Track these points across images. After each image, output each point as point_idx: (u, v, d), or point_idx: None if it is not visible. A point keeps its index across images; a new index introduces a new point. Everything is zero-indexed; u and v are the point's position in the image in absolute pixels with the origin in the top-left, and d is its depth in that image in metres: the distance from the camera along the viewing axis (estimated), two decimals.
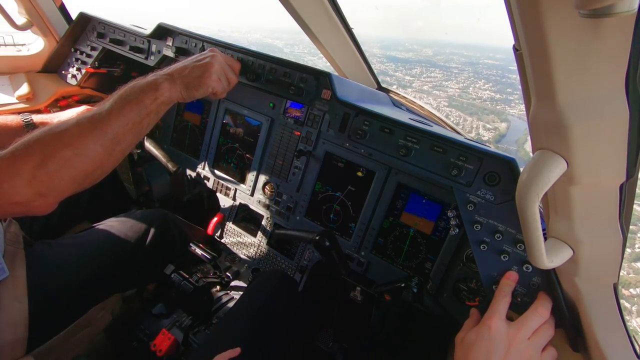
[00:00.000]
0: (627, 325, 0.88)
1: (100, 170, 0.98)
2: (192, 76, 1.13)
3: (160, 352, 1.31)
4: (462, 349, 0.92)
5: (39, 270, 1.22)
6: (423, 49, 62.74)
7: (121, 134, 0.97)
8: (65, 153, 0.89)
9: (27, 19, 2.04)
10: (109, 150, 0.96)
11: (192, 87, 1.12)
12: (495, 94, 43.79)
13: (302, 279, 1.69)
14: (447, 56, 61.36)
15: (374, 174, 1.50)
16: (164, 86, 1.06)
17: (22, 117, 1.55)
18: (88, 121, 0.94)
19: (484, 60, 59.82)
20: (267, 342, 1.26)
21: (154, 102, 1.03)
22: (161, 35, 1.69)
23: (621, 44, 0.46)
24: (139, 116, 1.01)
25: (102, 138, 0.94)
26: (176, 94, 1.10)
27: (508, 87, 46.24)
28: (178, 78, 1.11)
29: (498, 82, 49.07)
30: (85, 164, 0.93)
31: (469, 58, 61.02)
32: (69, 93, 2.05)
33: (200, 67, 1.15)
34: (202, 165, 1.98)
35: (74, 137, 0.91)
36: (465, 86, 46.14)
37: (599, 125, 0.55)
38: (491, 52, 69.41)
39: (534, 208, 0.66)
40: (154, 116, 1.05)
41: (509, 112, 38.98)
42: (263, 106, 1.75)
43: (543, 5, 0.45)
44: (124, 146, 1.00)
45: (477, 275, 1.32)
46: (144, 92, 1.03)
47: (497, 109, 40.27)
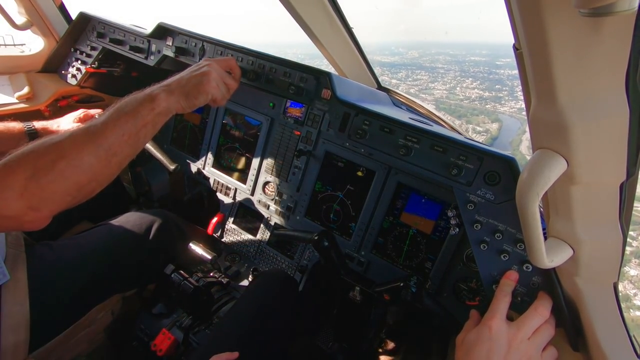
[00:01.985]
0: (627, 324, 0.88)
1: (95, 182, 0.96)
2: (190, 84, 1.13)
3: (161, 352, 1.31)
4: (462, 349, 0.92)
5: (39, 273, 1.22)
6: (409, 52, 61.93)
7: (117, 145, 0.96)
8: (59, 165, 0.87)
9: (27, 19, 2.04)
10: (104, 162, 0.94)
11: (192, 96, 1.12)
12: (484, 92, 42.55)
13: (302, 279, 1.69)
14: (433, 57, 60.46)
15: (374, 173, 1.50)
16: (160, 97, 1.05)
17: (25, 124, 1.55)
18: (83, 133, 0.93)
19: (470, 57, 58.71)
20: (267, 342, 1.26)
21: (150, 112, 1.03)
22: (161, 35, 1.69)
23: (621, 43, 0.46)
24: (135, 127, 0.99)
25: (97, 149, 0.92)
26: (175, 104, 1.10)
27: (496, 83, 44.75)
28: (176, 89, 1.11)
29: (486, 79, 47.83)
30: (78, 175, 0.90)
31: (454, 57, 60.21)
32: (68, 93, 2.05)
33: (198, 75, 1.15)
34: (202, 165, 1.98)
35: (67, 148, 0.89)
36: (452, 87, 45.08)
37: (599, 124, 0.55)
38: (477, 49, 67.72)
39: (534, 207, 0.66)
40: (150, 127, 1.04)
41: (500, 111, 37.56)
42: (263, 106, 1.75)
43: (543, 4, 0.45)
44: (120, 158, 0.99)
45: (477, 274, 1.32)
46: (141, 103, 1.02)
47: (487, 108, 38.89)
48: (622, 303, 0.86)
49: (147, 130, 1.03)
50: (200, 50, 1.58)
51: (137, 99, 1.03)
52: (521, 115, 34.66)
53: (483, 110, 38.62)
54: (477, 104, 40.21)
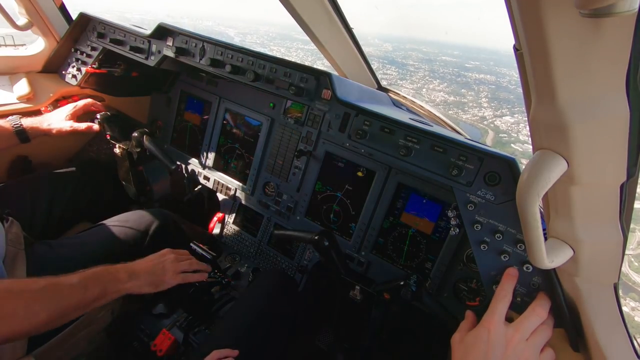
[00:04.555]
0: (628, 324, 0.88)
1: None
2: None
3: (161, 352, 1.31)
4: (460, 350, 0.92)
5: (39, 271, 1.22)
6: (383, 44, 61.08)
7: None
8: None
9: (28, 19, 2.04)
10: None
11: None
12: (449, 96, 41.89)
13: (302, 279, 1.69)
14: (406, 52, 59.60)
15: (375, 173, 1.50)
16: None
17: (12, 122, 1.55)
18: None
19: (442, 57, 58.06)
20: (267, 342, 1.26)
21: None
22: (161, 35, 1.69)
23: (622, 43, 0.46)
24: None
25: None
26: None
27: (462, 87, 44.30)
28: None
29: (453, 82, 47.25)
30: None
31: (426, 55, 59.37)
32: (69, 93, 2.04)
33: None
34: (203, 165, 1.98)
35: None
36: (419, 87, 44.16)
37: (599, 125, 0.55)
38: (449, 49, 67.07)
39: (535, 208, 0.66)
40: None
41: (462, 118, 36.91)
42: (263, 106, 1.75)
43: (543, 4, 0.45)
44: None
45: (478, 275, 1.32)
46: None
47: (449, 114, 37.57)
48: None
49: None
50: (200, 51, 1.58)
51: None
52: (482, 125, 34.60)
53: (445, 117, 38.95)
54: (440, 108, 40.04)
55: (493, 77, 53.05)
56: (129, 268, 1.26)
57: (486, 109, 39.76)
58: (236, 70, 1.49)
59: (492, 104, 41.57)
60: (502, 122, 35.63)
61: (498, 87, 48.72)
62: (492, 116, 37.66)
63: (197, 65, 1.60)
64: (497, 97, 44.02)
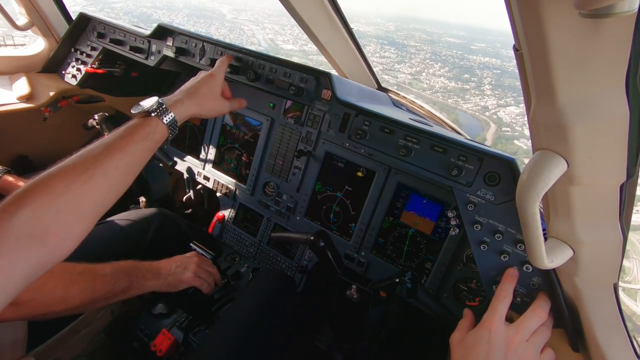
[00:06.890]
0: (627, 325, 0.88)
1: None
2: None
3: (161, 352, 1.31)
4: (460, 350, 0.92)
5: None
6: (386, 23, 57.82)
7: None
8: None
9: (28, 20, 2.04)
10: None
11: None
12: (450, 82, 38.86)
13: (302, 279, 1.69)
14: (409, 32, 56.75)
15: (374, 174, 1.50)
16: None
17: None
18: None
19: (446, 37, 54.90)
20: (266, 342, 1.26)
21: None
22: (161, 36, 1.69)
23: (621, 44, 0.46)
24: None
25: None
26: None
27: (465, 72, 41.63)
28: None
29: (455, 66, 44.35)
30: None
31: (430, 35, 56.49)
32: (69, 93, 2.05)
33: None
34: (202, 165, 1.98)
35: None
36: (418, 71, 41.39)
37: (599, 125, 0.55)
38: (455, 29, 63.75)
39: (534, 208, 0.66)
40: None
41: (462, 108, 33.98)
42: (263, 106, 1.75)
43: (543, 5, 0.45)
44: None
45: (477, 275, 1.32)
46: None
47: (449, 103, 34.92)
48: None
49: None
50: (200, 51, 1.58)
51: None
52: (483, 116, 31.93)
53: (444, 105, 34.94)
54: (439, 95, 36.16)
55: (499, 60, 48.53)
56: (155, 267, 1.31)
57: (489, 97, 36.73)
58: (236, 70, 1.50)
59: (496, 91, 38.59)
60: (506, 114, 32.90)
61: (503, 72, 44.52)
62: (496, 106, 34.73)
63: (197, 65, 1.60)
64: (501, 84, 40.93)
